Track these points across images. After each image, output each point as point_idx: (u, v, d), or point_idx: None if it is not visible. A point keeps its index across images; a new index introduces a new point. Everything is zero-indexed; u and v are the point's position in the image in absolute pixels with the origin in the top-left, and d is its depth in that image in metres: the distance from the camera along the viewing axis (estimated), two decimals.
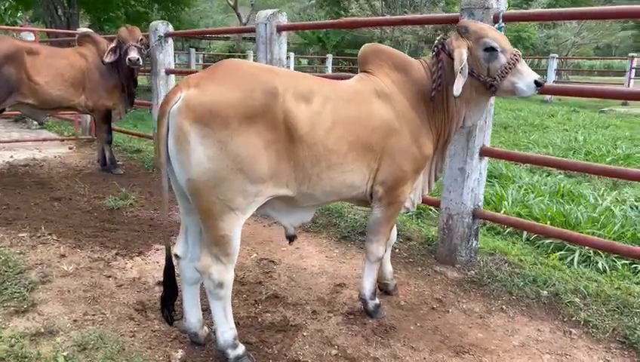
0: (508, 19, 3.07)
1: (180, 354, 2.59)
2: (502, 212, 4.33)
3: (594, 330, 2.84)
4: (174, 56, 6.65)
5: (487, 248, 3.71)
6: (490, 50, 2.65)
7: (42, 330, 2.78)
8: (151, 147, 7.48)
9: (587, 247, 3.65)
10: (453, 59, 2.65)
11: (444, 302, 3.19)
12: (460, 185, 3.39)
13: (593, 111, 15.53)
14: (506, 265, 3.45)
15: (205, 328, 2.75)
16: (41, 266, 3.57)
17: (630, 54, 18.83)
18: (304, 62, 28.73)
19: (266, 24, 4.48)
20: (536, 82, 2.69)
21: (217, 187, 2.26)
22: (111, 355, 2.55)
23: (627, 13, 2.64)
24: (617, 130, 11.71)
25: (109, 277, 3.48)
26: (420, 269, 3.59)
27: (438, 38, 2.78)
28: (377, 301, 3.03)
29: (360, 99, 2.60)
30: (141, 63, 5.80)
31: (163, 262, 3.69)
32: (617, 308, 2.98)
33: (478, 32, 2.68)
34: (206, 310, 2.74)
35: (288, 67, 26.73)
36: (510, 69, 2.67)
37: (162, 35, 6.00)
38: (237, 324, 2.85)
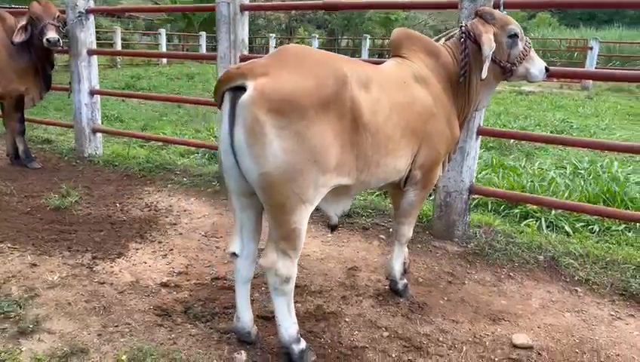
0: (508, 6, 3.27)
1: (243, 355, 2.46)
2: None
3: (595, 286, 3.21)
4: None
5: (473, 221, 3.97)
6: (514, 36, 2.82)
7: (68, 350, 2.47)
8: (62, 136, 6.77)
9: (553, 213, 4.08)
10: (478, 44, 2.77)
11: (456, 275, 3.37)
12: (460, 163, 3.58)
13: None
14: (500, 235, 3.74)
15: (255, 326, 2.64)
16: (17, 279, 3.13)
17: None
18: (176, 40, 27.33)
19: (228, 3, 4.25)
20: (546, 68, 2.94)
21: (293, 180, 2.16)
22: None
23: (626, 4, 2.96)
24: (498, 106, 12.92)
25: (103, 283, 3.16)
26: (419, 246, 3.74)
27: (462, 24, 2.87)
28: (405, 280, 3.13)
29: (405, 85, 2.63)
30: (61, 44, 5.20)
31: (151, 261, 3.50)
32: (607, 265, 3.39)
33: (503, 18, 2.83)
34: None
35: (267, 49, 25.15)
36: (525, 55, 2.88)
37: (83, 11, 5.40)
38: (272, 318, 2.78)
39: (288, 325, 2.44)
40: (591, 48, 17.61)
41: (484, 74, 2.69)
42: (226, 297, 3.03)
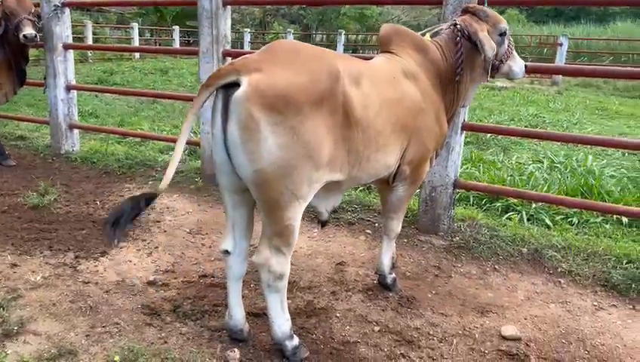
0: (492, 2, 3.31)
1: (236, 353, 2.44)
2: None
3: (578, 278, 3.29)
4: None
5: (457, 215, 4.02)
6: (504, 34, 2.85)
7: (56, 352, 2.42)
8: (36, 133, 6.61)
9: (533, 206, 4.16)
10: (472, 41, 2.78)
11: (443, 268, 3.41)
12: (445, 158, 3.61)
13: None
14: (484, 229, 3.79)
15: (247, 323, 2.63)
16: None
17: None
18: (148, 35, 26.78)
19: None
20: (525, 65, 3.00)
21: (288, 176, 2.16)
22: None
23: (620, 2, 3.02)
24: (473, 102, 13.08)
25: (88, 283, 3.10)
26: (405, 240, 3.77)
27: (456, 22, 2.88)
28: (394, 275, 3.15)
29: (394, 81, 2.64)
30: (38, 39, 5.06)
31: (136, 260, 3.44)
32: (588, 257, 3.48)
33: (495, 16, 2.86)
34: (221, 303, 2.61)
35: (242, 45, 24.48)
36: (510, 53, 2.93)
37: (58, 4, 5.26)
38: (263, 315, 2.78)
39: (281, 322, 2.43)
40: (560, 44, 17.96)
41: (489, 76, 2.74)
42: (215, 294, 3.01)
